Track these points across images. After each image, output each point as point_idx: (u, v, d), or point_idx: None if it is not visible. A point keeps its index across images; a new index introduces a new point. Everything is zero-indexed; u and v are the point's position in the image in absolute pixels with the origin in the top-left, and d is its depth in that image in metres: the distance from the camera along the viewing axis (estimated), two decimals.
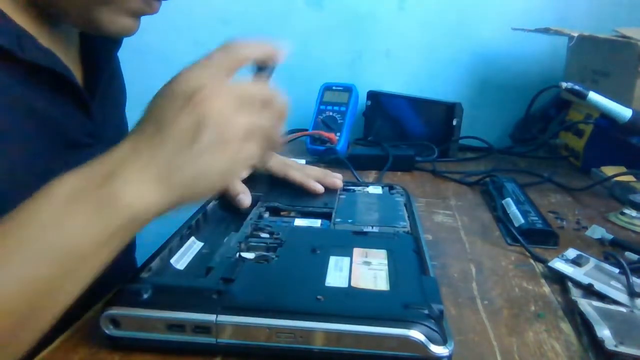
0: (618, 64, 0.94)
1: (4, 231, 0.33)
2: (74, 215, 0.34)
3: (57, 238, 0.33)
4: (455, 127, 1.05)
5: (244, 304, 0.41)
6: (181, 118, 0.36)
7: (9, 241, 0.33)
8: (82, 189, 0.35)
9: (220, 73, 0.38)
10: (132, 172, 0.35)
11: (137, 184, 0.35)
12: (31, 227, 0.33)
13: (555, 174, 0.92)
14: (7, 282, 0.32)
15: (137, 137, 0.37)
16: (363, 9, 1.19)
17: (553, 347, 0.44)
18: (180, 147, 0.36)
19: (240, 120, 0.38)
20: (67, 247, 0.33)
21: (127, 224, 0.35)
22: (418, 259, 0.50)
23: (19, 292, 0.32)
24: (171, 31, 1.19)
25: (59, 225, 0.34)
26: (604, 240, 0.65)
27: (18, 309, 0.32)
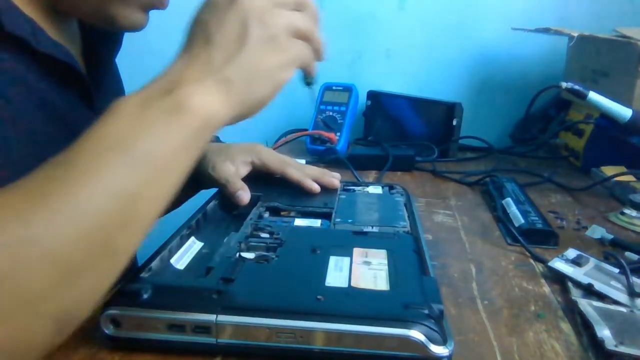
0: (618, 64, 0.94)
1: (81, 151, 0.33)
2: (147, 125, 0.34)
3: (137, 149, 0.34)
4: (455, 127, 1.05)
5: (244, 304, 0.41)
6: (226, 20, 0.37)
7: (86, 162, 0.33)
8: (150, 101, 0.35)
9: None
10: (191, 82, 0.36)
11: (199, 92, 0.36)
12: (107, 142, 0.34)
13: (555, 174, 0.92)
14: (91, 198, 0.32)
15: (190, 49, 0.38)
16: (363, 9, 1.19)
17: (553, 347, 0.44)
18: (231, 48, 0.37)
19: (282, 15, 0.39)
20: (147, 156, 0.34)
21: (200, 129, 0.35)
22: (418, 259, 0.50)
23: (106, 204, 0.32)
24: (171, 31, 1.18)
25: (133, 138, 0.34)
26: (604, 240, 0.65)
27: (108, 220, 0.32)
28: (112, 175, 0.33)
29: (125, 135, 0.34)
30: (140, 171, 0.33)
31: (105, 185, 0.32)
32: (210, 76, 0.36)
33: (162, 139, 0.34)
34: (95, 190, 0.32)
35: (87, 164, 0.33)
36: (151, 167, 0.34)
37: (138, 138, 0.34)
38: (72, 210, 0.31)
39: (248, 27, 0.37)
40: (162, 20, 1.19)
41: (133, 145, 0.34)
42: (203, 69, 0.37)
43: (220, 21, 0.38)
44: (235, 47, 0.37)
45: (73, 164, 0.33)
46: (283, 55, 0.39)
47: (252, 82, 0.38)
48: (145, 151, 0.34)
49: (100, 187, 0.32)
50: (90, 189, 0.32)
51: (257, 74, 0.38)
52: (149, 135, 0.34)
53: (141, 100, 0.35)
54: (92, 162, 0.33)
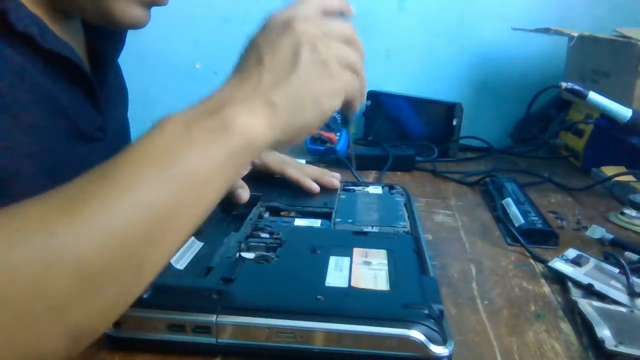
0: (618, 64, 0.94)
1: (119, 163, 0.33)
2: (189, 143, 0.34)
3: (175, 165, 0.33)
4: (455, 127, 1.05)
5: (244, 304, 0.41)
6: (279, 44, 0.38)
7: (123, 174, 0.33)
8: (195, 120, 0.35)
9: (310, 10, 0.41)
10: (238, 103, 0.36)
11: (244, 113, 0.36)
12: (148, 157, 0.34)
13: (555, 174, 0.92)
14: (122, 210, 0.31)
15: (241, 71, 0.38)
16: (363, 9, 1.18)
17: (553, 347, 0.44)
18: (282, 71, 0.37)
19: (333, 44, 0.40)
20: (185, 173, 0.33)
21: (241, 151, 0.35)
22: (418, 259, 0.50)
23: (137, 218, 0.32)
24: (171, 31, 1.19)
25: (175, 154, 0.34)
26: (604, 240, 0.65)
27: (137, 234, 0.32)
28: (146, 189, 0.32)
29: (166, 151, 0.34)
30: (176, 188, 0.33)
31: (138, 199, 0.32)
32: (257, 98, 0.37)
33: (202, 157, 0.34)
34: (127, 203, 0.32)
35: (122, 176, 0.33)
36: (188, 184, 0.34)
37: (178, 154, 0.34)
38: (101, 221, 0.31)
39: (300, 52, 0.38)
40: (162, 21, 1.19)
41: (172, 161, 0.33)
42: (251, 90, 0.37)
43: (273, 44, 0.38)
44: (285, 70, 0.37)
45: (108, 176, 0.33)
46: (331, 82, 0.39)
47: (298, 107, 0.37)
48: (184, 168, 0.33)
49: (132, 201, 0.32)
50: (122, 202, 0.32)
51: (305, 99, 0.38)
52: (190, 152, 0.34)
53: (187, 118, 0.35)
54: (127, 174, 0.33)
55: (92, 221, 0.31)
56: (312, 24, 0.39)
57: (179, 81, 1.22)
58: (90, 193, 0.32)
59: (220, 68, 1.22)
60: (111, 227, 0.31)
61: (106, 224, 0.31)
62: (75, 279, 0.30)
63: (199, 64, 1.22)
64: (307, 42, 0.38)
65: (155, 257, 0.33)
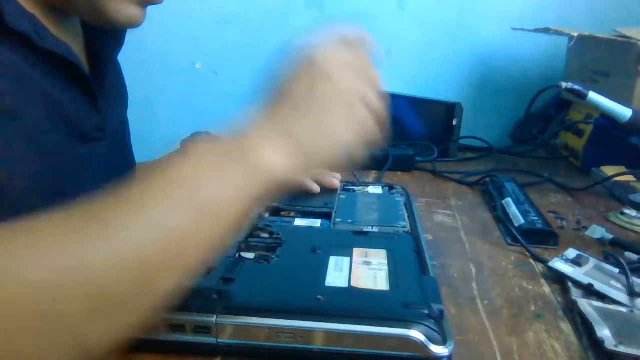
0: (618, 64, 0.94)
1: (140, 185, 0.34)
2: (212, 174, 0.35)
3: (197, 193, 0.34)
4: (455, 127, 1.05)
5: (244, 304, 0.41)
6: (302, 79, 0.38)
7: (145, 196, 0.33)
8: (219, 151, 0.36)
9: (332, 39, 0.42)
10: (262, 137, 0.37)
11: (268, 147, 0.36)
12: (170, 184, 0.34)
13: (555, 174, 0.92)
14: (143, 233, 0.31)
15: (264, 104, 0.39)
16: (363, 9, 1.19)
17: (553, 347, 0.44)
18: (304, 106, 0.38)
19: (356, 81, 0.40)
20: (205, 204, 0.34)
21: (261, 185, 0.36)
22: (418, 259, 0.50)
23: (152, 243, 0.32)
24: (171, 31, 1.19)
25: (197, 183, 0.34)
26: (604, 240, 0.65)
27: (151, 259, 0.32)
28: (165, 215, 0.32)
29: (188, 178, 0.34)
30: (196, 216, 0.33)
31: (157, 225, 0.32)
32: (280, 132, 0.37)
33: (223, 187, 0.35)
34: (145, 227, 0.32)
35: (142, 199, 0.33)
36: (207, 212, 0.34)
37: (200, 182, 0.34)
38: (119, 243, 0.31)
39: (323, 88, 0.38)
40: (162, 20, 1.19)
41: (193, 189, 0.34)
42: (274, 124, 0.37)
43: (297, 79, 0.39)
44: (306, 105, 0.38)
45: (129, 197, 0.33)
46: (352, 118, 0.39)
47: (319, 140, 0.38)
48: (204, 196, 0.34)
49: (151, 225, 0.32)
50: (141, 226, 0.32)
51: (325, 132, 0.38)
52: (212, 181, 0.34)
53: (212, 147, 0.36)
54: (148, 199, 0.33)
55: (110, 243, 0.31)
56: (333, 58, 0.40)
57: (179, 81, 1.22)
58: (110, 214, 0.32)
59: (220, 68, 1.22)
60: (128, 250, 0.31)
61: (124, 246, 0.31)
62: (90, 299, 0.30)
63: (199, 63, 1.22)
64: (330, 78, 0.38)
65: (169, 283, 0.33)
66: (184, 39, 1.20)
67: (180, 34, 1.20)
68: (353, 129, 0.39)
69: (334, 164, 0.40)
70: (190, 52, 1.21)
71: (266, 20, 1.19)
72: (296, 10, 1.19)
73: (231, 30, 1.20)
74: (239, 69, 1.22)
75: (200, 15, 1.20)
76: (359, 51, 0.43)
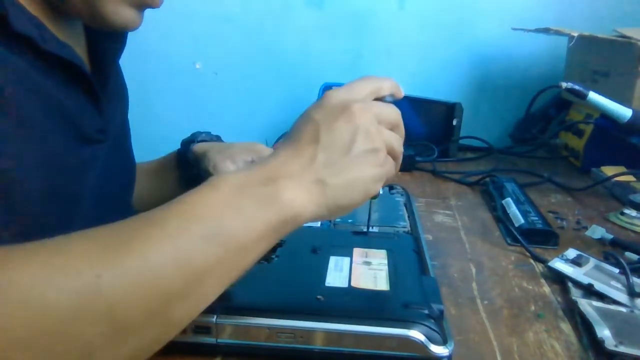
0: (618, 64, 0.94)
1: (169, 213, 0.34)
2: (238, 209, 0.35)
3: (221, 226, 0.34)
4: (455, 127, 1.05)
5: (244, 304, 0.41)
6: (337, 126, 0.39)
7: (169, 225, 0.33)
8: (247, 187, 0.36)
9: (367, 93, 0.43)
10: (292, 175, 0.37)
11: (296, 188, 0.37)
12: (197, 214, 0.34)
13: (555, 174, 0.92)
14: (164, 262, 0.32)
15: (295, 143, 0.39)
16: (363, 8, 1.19)
17: (553, 347, 0.44)
18: (336, 153, 0.39)
19: (384, 133, 0.42)
20: (228, 236, 0.34)
21: (285, 223, 0.36)
22: (418, 259, 0.50)
23: (173, 273, 0.32)
24: (171, 31, 1.19)
25: (222, 217, 0.35)
26: (604, 240, 0.65)
27: (170, 288, 0.32)
28: (188, 245, 0.33)
29: (214, 211, 0.35)
30: (217, 249, 0.34)
31: (179, 254, 0.33)
32: (309, 175, 0.38)
33: (247, 224, 0.35)
34: (168, 255, 0.32)
35: (167, 229, 0.33)
36: (229, 247, 0.34)
37: (225, 217, 0.35)
38: (141, 270, 0.31)
39: (356, 138, 0.39)
40: (162, 20, 1.19)
41: (217, 223, 0.34)
42: (304, 166, 0.38)
43: (331, 125, 0.39)
44: (339, 153, 0.39)
45: (154, 225, 0.33)
46: (380, 169, 0.40)
47: (346, 189, 0.39)
48: (228, 231, 0.34)
49: (173, 254, 0.32)
50: (164, 254, 0.32)
51: (353, 183, 0.39)
52: (236, 217, 0.35)
53: (239, 182, 0.36)
54: (174, 227, 0.33)
55: (131, 270, 0.31)
56: (368, 110, 0.41)
57: (179, 81, 1.22)
58: (133, 240, 0.32)
59: (220, 68, 1.22)
60: (149, 278, 0.31)
61: (145, 275, 0.31)
62: (106, 324, 0.30)
63: (199, 63, 1.22)
64: (363, 129, 0.39)
65: (184, 311, 0.34)
66: (184, 39, 1.20)
67: (180, 34, 1.20)
68: (379, 179, 0.41)
69: (354, 208, 0.41)
70: (190, 52, 1.21)
71: (266, 20, 1.19)
72: (296, 10, 1.19)
73: (231, 30, 1.20)
74: (239, 69, 1.22)
75: (200, 15, 1.20)
76: (390, 106, 0.44)
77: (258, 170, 0.38)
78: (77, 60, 0.48)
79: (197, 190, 0.36)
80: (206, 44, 1.20)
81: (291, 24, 1.20)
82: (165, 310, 0.33)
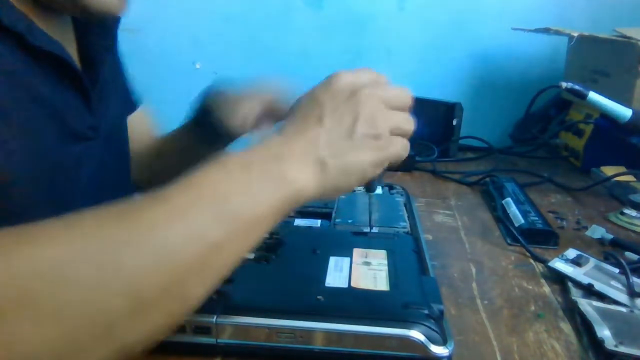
0: (618, 64, 0.94)
1: (177, 190, 0.35)
2: (245, 187, 0.36)
3: (229, 203, 0.35)
4: (455, 127, 1.05)
5: (244, 304, 0.41)
6: (342, 109, 0.40)
7: (179, 201, 0.34)
8: (254, 165, 0.37)
9: (374, 78, 0.43)
10: (295, 153, 0.38)
11: (300, 164, 0.38)
12: (206, 191, 0.35)
13: (555, 174, 0.92)
14: (177, 237, 0.33)
15: (300, 122, 0.40)
16: (363, 8, 1.19)
17: (553, 347, 0.44)
18: (340, 135, 0.40)
19: (390, 117, 0.42)
20: (237, 211, 0.35)
21: (290, 199, 0.37)
22: (418, 259, 0.50)
23: (185, 248, 0.33)
24: (171, 30, 1.19)
25: (230, 194, 0.35)
26: (604, 240, 0.65)
27: (184, 263, 0.33)
28: (199, 221, 0.34)
29: (222, 189, 0.35)
30: (226, 225, 0.35)
31: (191, 229, 0.33)
32: (312, 155, 0.39)
33: (254, 200, 0.36)
34: (181, 231, 0.33)
35: (179, 204, 0.34)
36: (238, 222, 0.35)
37: (232, 194, 0.35)
38: (156, 244, 0.32)
39: (358, 123, 0.40)
40: (162, 20, 1.19)
41: (226, 200, 0.35)
42: (308, 146, 0.39)
43: (336, 108, 0.40)
44: (342, 136, 0.40)
45: (166, 201, 0.34)
46: (380, 154, 0.41)
47: (345, 171, 0.40)
48: (236, 207, 0.35)
49: (186, 230, 0.33)
50: (177, 230, 0.33)
51: (352, 166, 0.40)
52: (243, 194, 0.36)
53: (245, 161, 0.37)
54: (184, 204, 0.34)
55: (148, 246, 0.32)
56: (373, 96, 0.41)
57: (179, 81, 1.22)
58: (148, 217, 0.33)
59: (220, 68, 1.22)
60: (164, 254, 0.32)
61: (160, 250, 0.32)
62: (125, 298, 0.30)
63: (199, 63, 1.22)
64: (368, 114, 0.40)
65: (197, 287, 0.34)
66: (184, 39, 1.20)
67: (180, 34, 1.20)
68: (379, 163, 0.41)
69: (352, 189, 0.42)
70: (190, 52, 1.21)
71: (266, 20, 1.19)
72: (296, 10, 1.19)
73: (231, 30, 1.20)
74: (239, 69, 1.22)
75: (200, 15, 1.20)
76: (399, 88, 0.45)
77: (264, 149, 0.39)
78: (66, 56, 0.48)
79: (206, 168, 0.37)
80: (206, 44, 1.20)
81: (291, 24, 1.20)
82: (181, 285, 0.33)
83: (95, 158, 0.54)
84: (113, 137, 0.60)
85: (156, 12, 1.18)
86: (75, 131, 0.51)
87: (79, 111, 0.52)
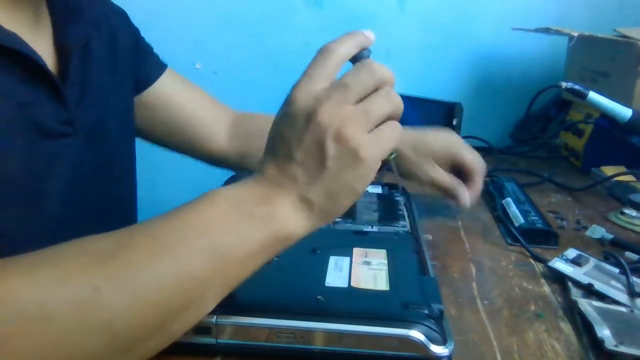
0: (618, 64, 0.94)
1: (166, 226, 0.35)
2: (236, 225, 0.36)
3: (218, 242, 0.35)
4: (455, 127, 1.05)
5: (244, 304, 0.41)
6: (305, 140, 0.37)
7: (169, 238, 0.34)
8: (243, 204, 0.37)
9: (330, 73, 0.39)
10: (280, 194, 0.37)
11: (288, 206, 0.37)
12: (195, 228, 0.35)
13: (555, 174, 0.92)
14: (165, 275, 0.32)
15: (276, 160, 0.38)
16: (363, 8, 1.19)
17: (553, 347, 0.44)
18: (315, 165, 0.37)
19: (360, 120, 0.37)
20: (224, 251, 0.35)
21: (279, 241, 0.37)
22: (418, 259, 0.50)
23: (173, 286, 0.33)
24: (171, 31, 1.19)
25: (220, 232, 0.35)
26: (604, 240, 0.65)
27: (170, 302, 0.33)
28: (188, 259, 0.34)
29: (211, 226, 0.35)
30: (214, 262, 0.34)
31: (180, 267, 0.33)
32: (296, 195, 0.37)
33: (243, 240, 0.36)
34: (169, 268, 0.33)
35: (168, 241, 0.34)
36: (226, 261, 0.35)
37: (222, 232, 0.35)
38: (142, 282, 0.32)
39: (326, 148, 0.36)
40: (162, 20, 1.19)
41: (215, 237, 0.35)
42: (290, 185, 0.37)
43: (299, 140, 0.37)
44: (317, 165, 0.37)
45: (155, 237, 0.34)
46: (361, 167, 0.37)
47: (334, 199, 0.38)
48: (225, 245, 0.35)
49: (174, 267, 0.33)
50: (165, 266, 0.33)
51: (339, 192, 0.37)
52: (233, 233, 0.35)
53: (235, 200, 0.37)
54: (173, 240, 0.34)
55: (133, 285, 0.31)
56: (334, 104, 0.37)
57: None
58: (135, 252, 0.33)
59: (220, 68, 1.22)
60: (151, 294, 0.32)
61: (147, 290, 0.32)
62: (106, 337, 0.30)
63: (199, 63, 1.22)
64: (331, 135, 0.36)
65: (181, 325, 0.35)
66: (184, 39, 1.20)
67: (180, 34, 1.20)
68: (365, 175, 0.38)
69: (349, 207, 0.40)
70: (190, 52, 1.21)
71: (266, 20, 1.19)
72: (296, 10, 1.19)
73: (231, 30, 1.20)
74: (239, 69, 1.22)
75: (200, 15, 1.20)
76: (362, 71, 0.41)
77: (252, 188, 0.38)
78: (24, 49, 0.45)
79: (195, 205, 0.36)
80: (206, 44, 1.20)
81: (291, 24, 1.20)
82: (164, 323, 0.33)
83: (71, 157, 0.52)
84: (96, 133, 0.56)
85: (156, 12, 1.18)
86: (48, 128, 0.49)
87: (49, 106, 0.49)
